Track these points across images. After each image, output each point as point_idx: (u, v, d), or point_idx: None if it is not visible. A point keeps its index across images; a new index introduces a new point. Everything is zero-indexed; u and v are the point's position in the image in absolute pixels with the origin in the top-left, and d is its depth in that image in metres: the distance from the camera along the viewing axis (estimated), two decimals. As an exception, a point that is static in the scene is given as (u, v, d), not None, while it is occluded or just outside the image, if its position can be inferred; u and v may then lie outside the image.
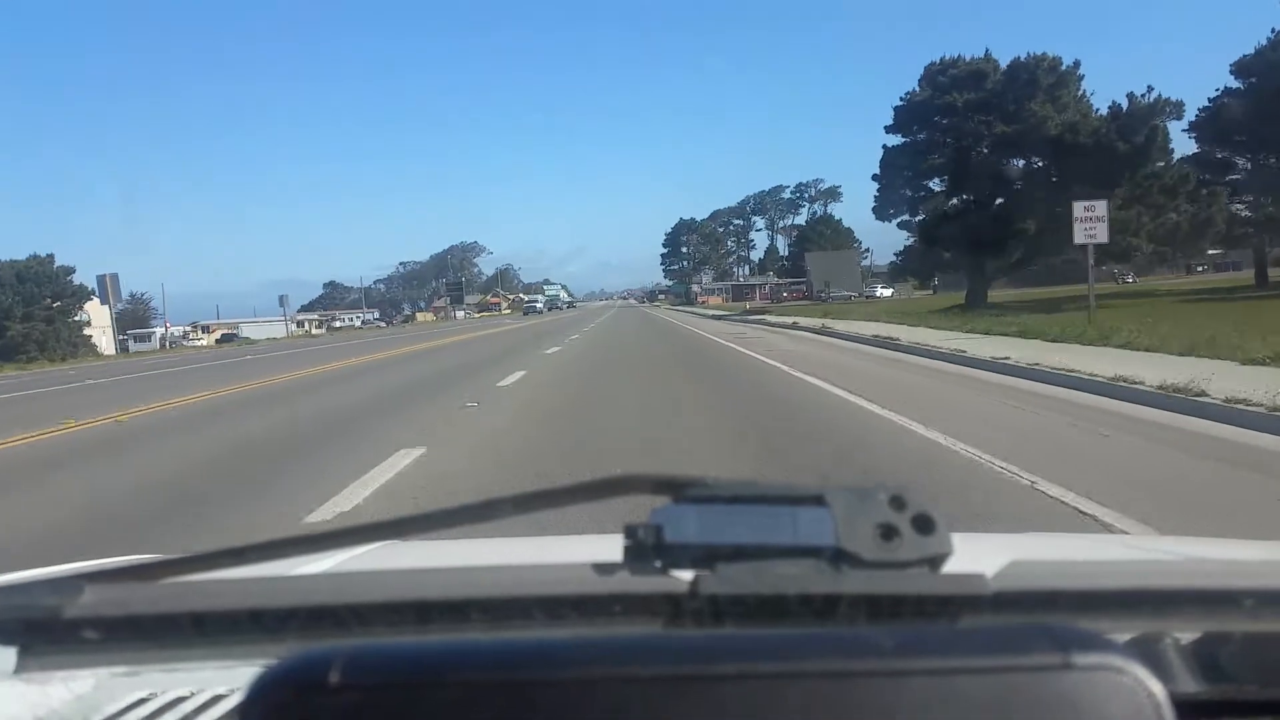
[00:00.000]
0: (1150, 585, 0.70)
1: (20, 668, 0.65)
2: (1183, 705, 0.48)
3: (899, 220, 45.87)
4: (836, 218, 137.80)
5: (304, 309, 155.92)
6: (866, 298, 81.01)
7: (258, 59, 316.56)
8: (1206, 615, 0.67)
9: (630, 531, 0.56)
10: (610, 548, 0.59)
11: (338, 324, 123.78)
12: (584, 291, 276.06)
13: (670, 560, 0.56)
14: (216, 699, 0.82)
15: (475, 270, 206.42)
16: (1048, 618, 0.60)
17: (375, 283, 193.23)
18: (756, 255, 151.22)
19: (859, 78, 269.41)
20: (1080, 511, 4.51)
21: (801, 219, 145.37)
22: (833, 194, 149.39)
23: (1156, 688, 0.44)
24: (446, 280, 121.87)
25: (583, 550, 0.95)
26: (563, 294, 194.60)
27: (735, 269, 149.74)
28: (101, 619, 0.63)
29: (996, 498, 4.96)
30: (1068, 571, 0.83)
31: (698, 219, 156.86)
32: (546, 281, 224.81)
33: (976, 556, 0.68)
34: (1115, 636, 0.53)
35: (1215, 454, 5.98)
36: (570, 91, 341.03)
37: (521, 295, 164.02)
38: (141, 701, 0.82)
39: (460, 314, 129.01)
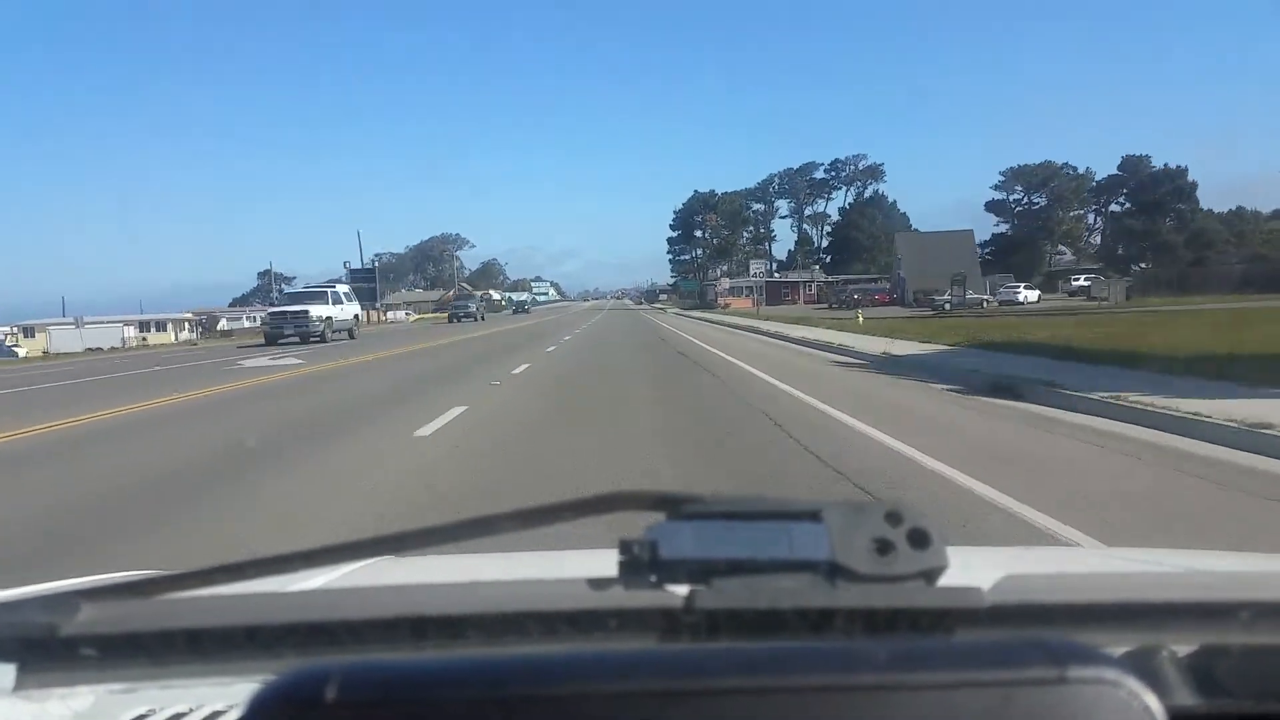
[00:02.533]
0: (1146, 598, 0.70)
1: (19, 685, 0.65)
2: (1179, 719, 0.48)
3: None
4: (890, 199, 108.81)
5: (237, 303, 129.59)
6: (1001, 304, 51.46)
7: (252, 56, 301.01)
8: (1203, 628, 0.67)
9: (625, 547, 0.57)
10: (606, 563, 0.59)
11: (245, 323, 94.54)
12: (577, 290, 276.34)
13: (666, 575, 0.56)
14: (214, 715, 0.83)
15: (457, 264, 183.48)
16: (1043, 631, 0.59)
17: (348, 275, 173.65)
18: (779, 249, 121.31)
19: (888, 46, 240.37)
20: None
21: (837, 205, 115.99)
22: (875, 173, 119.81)
23: (1152, 701, 0.44)
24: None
25: (578, 565, 0.95)
26: (538, 294, 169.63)
27: (753, 263, 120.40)
28: (99, 636, 0.63)
29: None
30: (1063, 585, 0.82)
31: (717, 192, 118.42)
32: (537, 278, 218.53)
33: (972, 570, 0.69)
34: (1111, 650, 0.53)
35: None
36: (566, 76, 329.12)
37: (490, 292, 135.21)
38: (139, 718, 0.83)
39: (399, 315, 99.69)
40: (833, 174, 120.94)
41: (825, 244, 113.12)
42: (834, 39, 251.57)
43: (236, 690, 0.67)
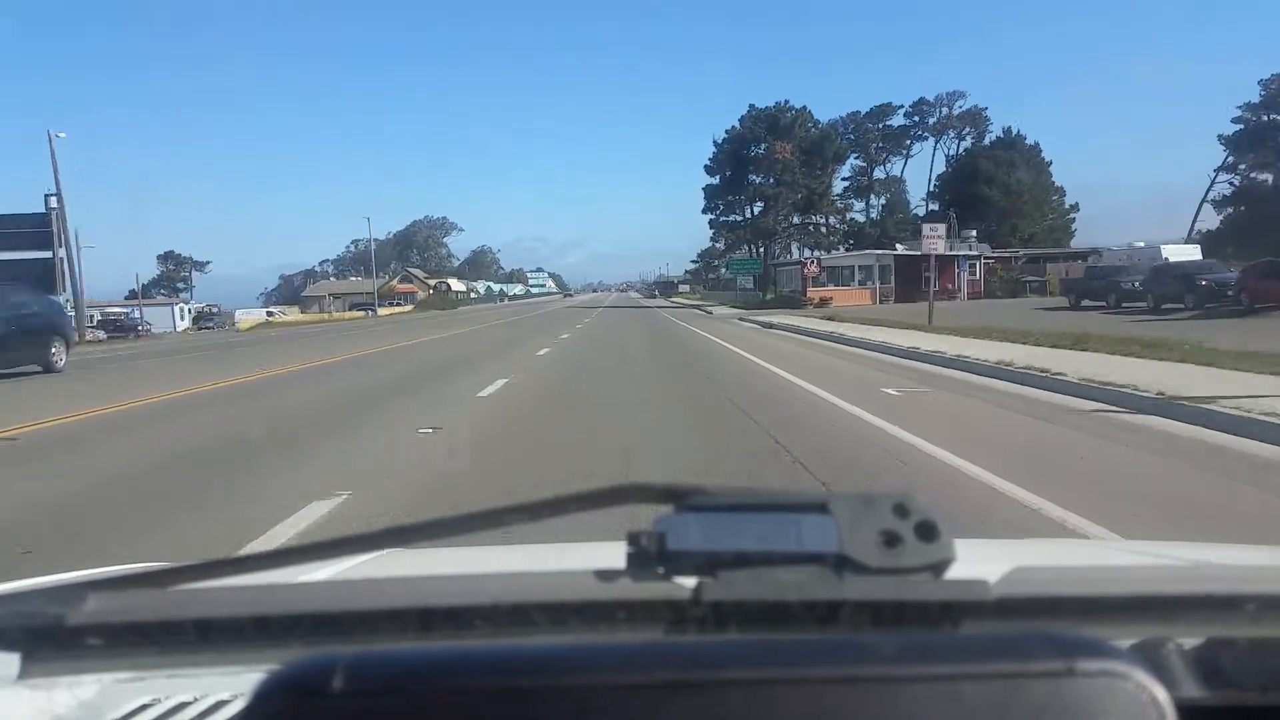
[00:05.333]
0: (1153, 591, 0.69)
1: (24, 674, 0.65)
2: (1186, 711, 0.48)
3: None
4: (1029, 140, 73.38)
5: (134, 296, 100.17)
6: None
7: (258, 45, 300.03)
8: (1210, 620, 0.67)
9: (633, 539, 0.56)
10: (613, 555, 0.59)
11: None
12: (581, 282, 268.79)
13: (673, 567, 0.56)
14: (220, 704, 0.83)
15: (444, 252, 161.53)
16: (1051, 623, 0.59)
17: (320, 263, 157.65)
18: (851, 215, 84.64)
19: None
20: None
21: (924, 161, 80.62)
22: (976, 119, 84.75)
23: (1160, 693, 0.44)
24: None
25: (586, 557, 0.95)
26: (533, 286, 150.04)
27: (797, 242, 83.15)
28: (105, 625, 0.62)
29: None
30: (1070, 577, 0.81)
31: (791, 105, 68.51)
32: (538, 269, 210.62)
33: (979, 563, 0.69)
34: (1118, 642, 0.53)
35: None
36: (573, 61, 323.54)
37: (450, 281, 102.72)
38: (145, 707, 0.83)
39: (250, 313, 66.01)
40: (916, 119, 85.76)
41: (928, 207, 78.19)
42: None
43: (243, 679, 0.67)
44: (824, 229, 71.43)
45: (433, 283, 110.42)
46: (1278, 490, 5.40)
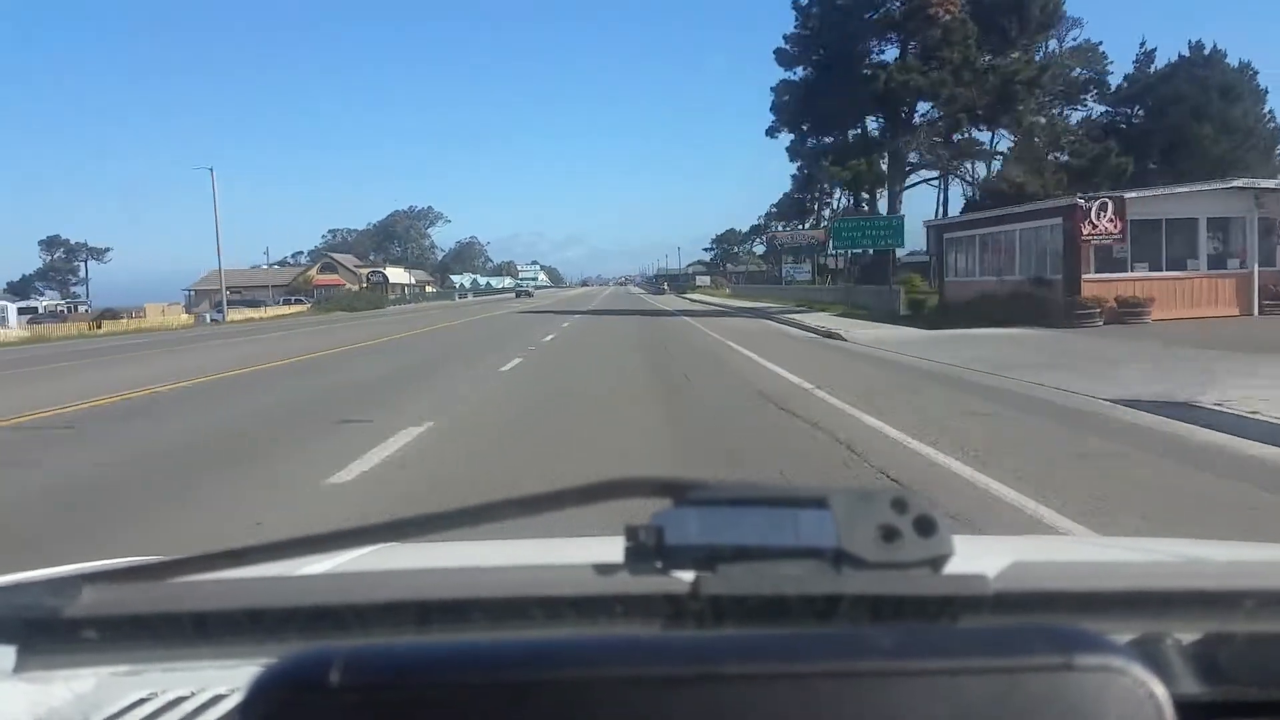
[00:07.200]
0: (1151, 586, 0.69)
1: (20, 667, 0.64)
2: (1184, 707, 0.48)
3: None
4: (1233, 59, 48.37)
5: (12, 288, 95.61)
6: None
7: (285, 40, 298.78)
8: (1208, 616, 0.67)
9: (631, 533, 0.56)
10: (611, 549, 0.59)
11: None
12: (579, 276, 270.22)
13: (671, 561, 0.56)
14: (217, 699, 0.84)
15: (427, 243, 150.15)
16: (1049, 618, 0.59)
17: (294, 254, 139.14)
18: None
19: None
20: None
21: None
22: (1091, 57, 60.19)
23: (1158, 689, 0.44)
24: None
25: (584, 551, 0.96)
26: (524, 279, 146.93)
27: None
28: (102, 618, 0.62)
29: None
30: (1069, 572, 0.81)
31: None
32: (533, 262, 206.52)
33: (978, 558, 0.69)
34: (1116, 637, 0.53)
35: None
36: (575, 60, 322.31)
37: (387, 272, 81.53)
38: (142, 701, 0.84)
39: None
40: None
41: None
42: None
43: (239, 673, 0.67)
44: (1038, 151, 37.63)
45: (365, 273, 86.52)
46: None
